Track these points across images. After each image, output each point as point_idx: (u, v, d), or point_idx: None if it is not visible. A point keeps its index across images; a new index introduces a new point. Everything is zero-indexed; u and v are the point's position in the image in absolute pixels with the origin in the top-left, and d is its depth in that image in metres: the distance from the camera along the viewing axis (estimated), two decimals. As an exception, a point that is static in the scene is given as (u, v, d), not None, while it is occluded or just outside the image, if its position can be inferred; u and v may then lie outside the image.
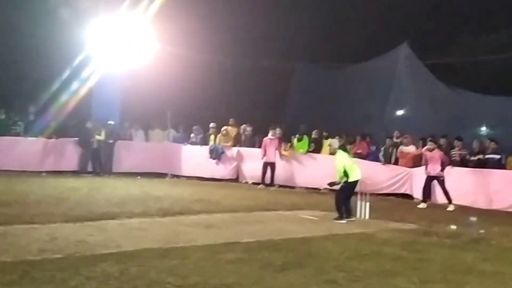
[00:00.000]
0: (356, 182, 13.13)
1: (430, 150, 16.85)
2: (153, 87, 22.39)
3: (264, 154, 20.47)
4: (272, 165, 20.43)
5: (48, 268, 7.26)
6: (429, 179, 16.90)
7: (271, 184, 20.31)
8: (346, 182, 13.09)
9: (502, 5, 26.35)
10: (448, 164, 17.30)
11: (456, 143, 18.36)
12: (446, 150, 18.36)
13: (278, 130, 20.82)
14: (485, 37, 28.05)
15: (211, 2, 26.36)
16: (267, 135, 21.23)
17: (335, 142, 14.31)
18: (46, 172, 20.09)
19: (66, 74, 20.93)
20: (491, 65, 25.27)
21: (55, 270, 7.20)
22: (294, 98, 25.55)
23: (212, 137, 22.26)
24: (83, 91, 21.05)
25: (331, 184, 13.66)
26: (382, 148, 19.77)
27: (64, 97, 20.72)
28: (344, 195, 13.10)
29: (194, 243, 9.27)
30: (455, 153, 18.19)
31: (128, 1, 20.61)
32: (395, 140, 19.99)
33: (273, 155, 20.49)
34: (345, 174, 13.03)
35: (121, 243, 9.16)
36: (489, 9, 28.31)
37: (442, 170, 16.68)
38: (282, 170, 20.53)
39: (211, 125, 22.51)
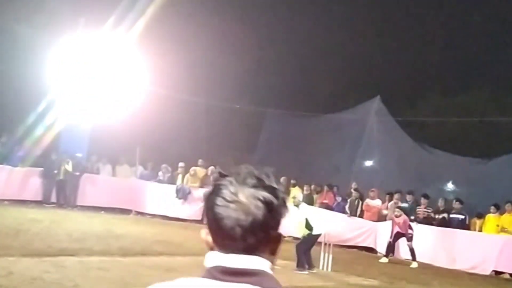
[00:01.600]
0: (319, 235, 13.14)
1: (397, 216, 16.92)
2: (123, 122, 22.30)
3: None
4: None
5: (1, 306, 7.08)
6: (398, 235, 16.94)
7: None
8: (309, 234, 13.08)
9: (473, 67, 27.04)
10: (412, 221, 17.43)
11: (423, 200, 18.55)
12: (412, 206, 18.53)
13: None
14: (454, 98, 28.65)
15: (187, 38, 26.55)
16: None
17: (299, 195, 14.32)
18: (8, 200, 19.73)
19: (39, 105, 20.72)
20: (459, 125, 25.77)
21: (7, 308, 7.02)
22: (264, 143, 25.65)
23: (180, 176, 22.16)
24: (55, 125, 20.87)
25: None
26: (348, 200, 19.84)
27: (36, 130, 20.47)
28: (306, 247, 13.08)
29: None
30: (420, 210, 18.36)
31: (102, 34, 20.60)
32: (352, 191, 20.09)
33: None
34: (308, 226, 13.03)
35: (78, 283, 8.98)
36: (461, 69, 29.02)
37: (410, 228, 16.77)
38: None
39: (180, 164, 22.43)
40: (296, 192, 14.35)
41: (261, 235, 1.76)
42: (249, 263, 1.77)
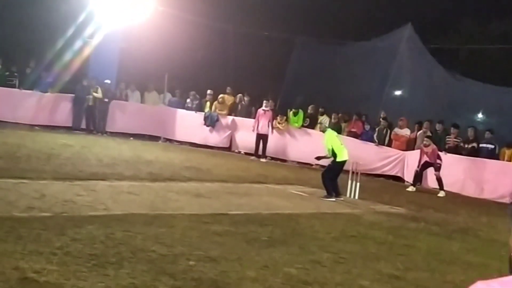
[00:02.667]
0: (343, 162, 13.10)
1: (426, 145, 16.76)
2: (151, 49, 22.23)
3: (257, 126, 20.39)
4: (265, 137, 20.37)
5: (35, 227, 7.24)
6: (426, 164, 16.87)
7: (263, 156, 20.28)
8: (333, 161, 13.07)
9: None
10: (442, 151, 17.33)
11: (452, 130, 18.37)
12: (442, 136, 18.38)
13: (270, 103, 20.73)
14: (488, 25, 27.91)
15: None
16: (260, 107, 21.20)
17: (325, 120, 14.21)
18: (39, 126, 19.99)
19: (68, 31, 20.65)
20: (493, 53, 25.18)
21: (41, 229, 7.18)
22: (293, 71, 25.39)
23: (208, 104, 22.18)
24: (85, 50, 20.87)
25: (318, 158, 13.71)
26: (377, 129, 19.73)
27: (65, 55, 20.51)
28: (331, 175, 13.09)
29: (181, 211, 9.27)
30: (450, 140, 18.21)
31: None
32: (380, 120, 19.94)
33: (266, 127, 20.37)
34: (333, 153, 13.00)
35: (109, 205, 9.14)
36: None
37: (439, 158, 16.67)
38: (275, 143, 20.50)
39: (208, 92, 22.41)
40: (323, 118, 14.24)
41: None
42: None
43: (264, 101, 20.71)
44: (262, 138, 20.39)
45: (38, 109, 20.33)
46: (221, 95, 22.17)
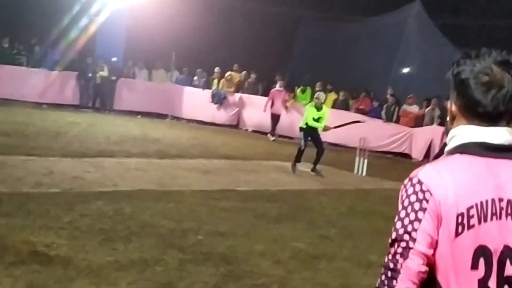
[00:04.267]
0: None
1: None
2: (159, 27, 22.09)
3: (271, 106, 20.17)
4: (278, 118, 20.18)
5: (44, 202, 7.29)
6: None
7: (272, 133, 20.07)
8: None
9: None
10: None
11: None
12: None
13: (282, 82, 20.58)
14: (499, 0, 27.62)
15: None
16: (270, 84, 21.08)
17: (322, 96, 14.18)
18: (47, 104, 20.01)
19: (74, 9, 20.59)
20: (503, 29, 24.95)
21: (50, 204, 7.24)
22: (300, 48, 25.27)
23: (215, 81, 22.12)
24: (91, 28, 20.81)
25: (337, 126, 13.92)
26: (384, 106, 19.65)
27: (71, 33, 20.47)
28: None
29: (189, 188, 9.30)
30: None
31: None
32: (388, 97, 19.85)
33: (280, 107, 20.15)
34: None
35: (117, 182, 9.18)
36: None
37: None
38: (282, 120, 20.43)
39: (216, 69, 22.35)
40: (319, 93, 14.15)
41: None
42: (507, 137, 1.92)
43: (278, 81, 20.50)
44: (276, 117, 20.20)
45: (46, 87, 20.32)
46: (228, 73, 22.10)
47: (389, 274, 1.92)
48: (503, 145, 1.90)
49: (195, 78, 22.60)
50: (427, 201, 1.88)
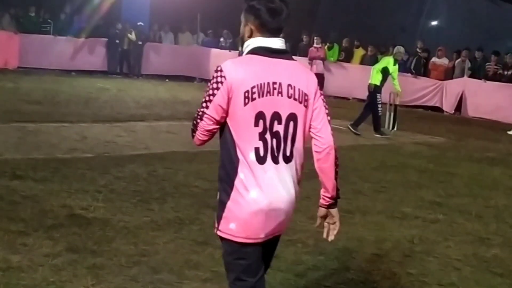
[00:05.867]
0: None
1: None
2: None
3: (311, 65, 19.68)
4: (320, 77, 19.36)
5: (79, 167, 7.39)
6: None
7: None
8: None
9: None
10: (481, 78, 17.03)
11: (492, 57, 17.96)
12: (481, 63, 18.02)
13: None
14: None
15: None
16: (298, 42, 20.90)
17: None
18: (75, 71, 20.15)
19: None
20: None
21: (85, 168, 7.34)
22: (326, 5, 24.98)
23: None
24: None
25: None
26: (413, 59, 19.33)
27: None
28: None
29: (221, 148, 9.32)
30: (490, 67, 17.83)
31: None
32: (418, 51, 19.51)
33: (321, 66, 19.35)
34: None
35: (149, 145, 9.26)
36: None
37: None
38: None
39: (242, 30, 22.20)
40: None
41: (286, 23, 2.92)
42: (282, 44, 2.93)
43: (315, 38, 19.83)
44: (317, 77, 19.60)
45: (74, 55, 20.45)
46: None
47: (193, 127, 2.94)
48: (279, 49, 2.90)
49: (221, 39, 22.51)
50: (222, 83, 2.81)
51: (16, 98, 12.84)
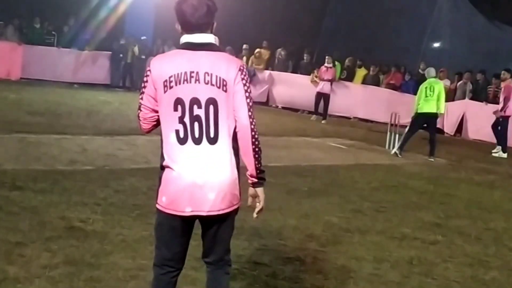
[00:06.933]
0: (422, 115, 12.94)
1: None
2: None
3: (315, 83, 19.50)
4: (326, 97, 18.99)
5: (78, 179, 7.39)
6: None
7: (324, 117, 18.92)
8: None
9: None
10: (482, 101, 17.04)
11: (494, 80, 17.97)
12: (483, 86, 18.05)
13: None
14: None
15: None
16: (299, 60, 20.95)
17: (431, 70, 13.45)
18: (78, 84, 20.19)
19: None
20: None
21: (85, 181, 7.33)
22: (329, 24, 25.06)
23: (244, 58, 22.06)
24: (120, 7, 20.89)
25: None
26: (417, 81, 19.28)
27: (101, 12, 20.56)
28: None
29: (221, 164, 9.31)
30: (491, 90, 17.84)
31: None
32: (421, 72, 19.55)
33: (328, 86, 18.99)
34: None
35: (149, 158, 9.24)
36: None
37: None
38: (312, 97, 20.20)
39: (244, 46, 22.29)
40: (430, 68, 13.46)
41: (208, 19, 3.27)
42: (205, 38, 3.27)
43: (326, 57, 19.49)
44: (323, 96, 19.00)
45: (77, 67, 20.51)
46: (257, 50, 22.03)
47: (137, 118, 3.40)
48: (200, 43, 3.23)
49: (224, 55, 22.54)
50: (148, 76, 3.24)
51: (18, 109, 12.87)
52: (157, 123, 3.34)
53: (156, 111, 3.28)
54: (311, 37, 24.48)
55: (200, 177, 3.18)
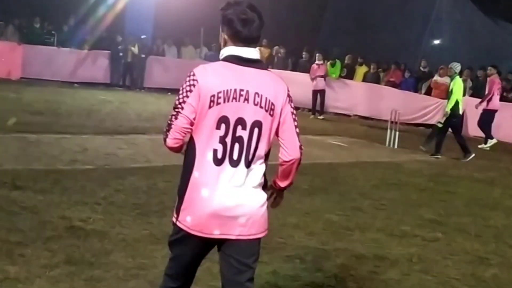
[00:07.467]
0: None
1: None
2: (187, 3, 22.09)
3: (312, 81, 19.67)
4: (321, 93, 19.29)
5: (79, 178, 7.40)
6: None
7: (320, 113, 19.19)
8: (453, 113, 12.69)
9: None
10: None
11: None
12: (483, 83, 18.04)
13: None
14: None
15: None
16: (299, 58, 20.95)
17: (456, 66, 13.22)
18: (78, 83, 20.19)
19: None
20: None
21: (85, 180, 7.34)
22: (329, 22, 25.07)
23: (244, 57, 22.06)
24: (119, 5, 20.90)
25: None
26: (423, 84, 19.32)
27: (99, 11, 20.58)
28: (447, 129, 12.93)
29: (222, 162, 9.32)
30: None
31: None
32: (422, 69, 19.58)
33: (322, 82, 19.29)
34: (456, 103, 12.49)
35: (150, 158, 9.27)
36: None
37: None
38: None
39: (243, 45, 22.28)
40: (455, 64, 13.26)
41: (259, 33, 3.09)
42: (254, 54, 3.08)
43: (317, 54, 19.78)
44: (319, 93, 19.31)
45: (77, 66, 20.50)
46: (257, 48, 22.00)
47: (167, 128, 3.07)
48: (250, 58, 3.04)
49: (224, 54, 22.58)
50: (194, 86, 2.98)
51: (18, 109, 12.85)
52: (187, 137, 3.08)
53: (193, 124, 3.02)
54: (311, 35, 24.49)
55: (232, 200, 3.02)
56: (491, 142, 15.20)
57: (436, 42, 24.00)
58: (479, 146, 14.70)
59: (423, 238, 6.47)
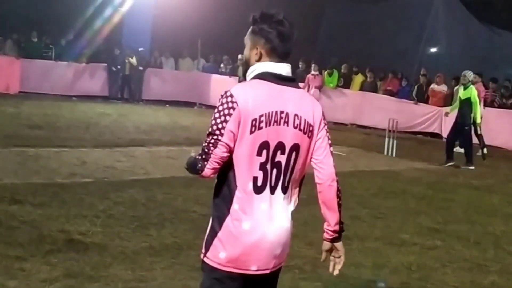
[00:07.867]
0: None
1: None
2: (184, 15, 22.17)
3: (307, 91, 19.84)
4: None
5: (78, 192, 7.42)
6: None
7: None
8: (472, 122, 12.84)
9: None
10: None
11: (491, 84, 18.04)
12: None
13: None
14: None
15: None
16: (295, 68, 21.01)
17: (470, 74, 13.26)
18: (76, 96, 20.23)
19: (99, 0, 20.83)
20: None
21: (84, 193, 7.36)
22: (326, 32, 25.14)
23: (240, 68, 22.11)
24: (116, 18, 20.99)
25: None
26: (416, 86, 19.37)
27: (96, 24, 20.67)
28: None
29: (220, 174, 9.35)
30: (488, 94, 17.89)
31: None
32: (420, 77, 19.63)
33: (317, 93, 19.32)
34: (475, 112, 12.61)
35: (149, 170, 9.29)
36: None
37: None
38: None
39: (239, 57, 22.29)
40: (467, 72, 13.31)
41: (292, 49, 2.84)
42: (289, 71, 2.86)
43: (313, 65, 20.01)
44: None
45: (75, 80, 20.55)
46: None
47: (204, 156, 2.74)
48: (287, 76, 2.83)
49: (222, 65, 22.66)
50: (233, 109, 2.70)
51: (17, 123, 12.89)
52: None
53: (232, 151, 2.74)
54: (308, 45, 24.52)
55: (272, 232, 2.82)
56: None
57: (433, 50, 24.08)
58: (477, 154, 14.69)
59: (422, 246, 6.49)
